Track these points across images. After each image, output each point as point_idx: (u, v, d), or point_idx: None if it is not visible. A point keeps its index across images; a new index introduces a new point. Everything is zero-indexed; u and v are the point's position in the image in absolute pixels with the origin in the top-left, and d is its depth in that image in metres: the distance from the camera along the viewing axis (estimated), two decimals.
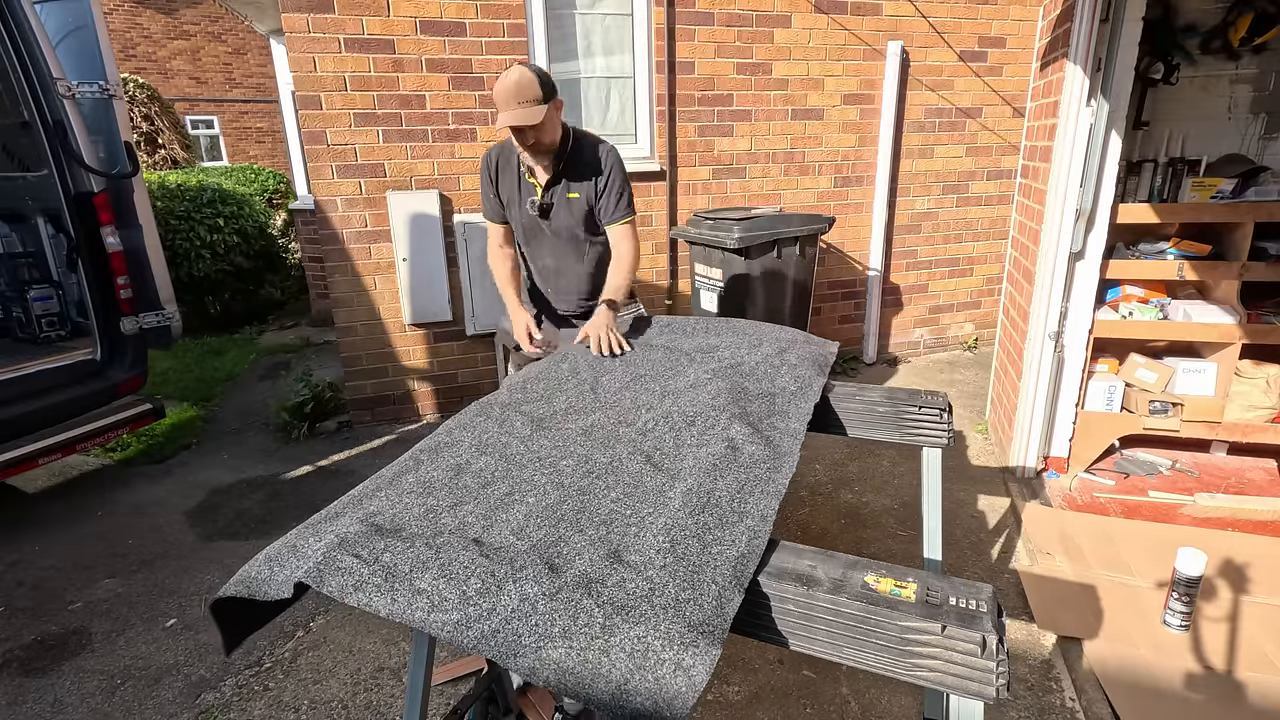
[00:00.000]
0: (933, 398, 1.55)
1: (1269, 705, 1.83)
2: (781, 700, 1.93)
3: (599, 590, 0.87)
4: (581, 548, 0.97)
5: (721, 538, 0.98)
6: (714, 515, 1.04)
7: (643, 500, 1.10)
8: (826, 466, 3.25)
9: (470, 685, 1.71)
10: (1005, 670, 0.78)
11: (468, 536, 1.00)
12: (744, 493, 1.10)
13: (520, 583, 0.89)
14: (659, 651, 0.78)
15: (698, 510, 1.05)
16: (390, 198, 3.54)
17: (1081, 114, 2.59)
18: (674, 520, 1.02)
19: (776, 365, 1.68)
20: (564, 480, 1.16)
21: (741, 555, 0.93)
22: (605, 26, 3.77)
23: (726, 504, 1.07)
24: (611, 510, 1.07)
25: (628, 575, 0.90)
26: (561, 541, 0.99)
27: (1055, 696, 1.93)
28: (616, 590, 0.87)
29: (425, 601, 0.87)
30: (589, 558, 0.94)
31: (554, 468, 1.21)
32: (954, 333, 4.98)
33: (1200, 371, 2.90)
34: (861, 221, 4.48)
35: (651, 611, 0.83)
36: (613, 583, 0.89)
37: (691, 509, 1.05)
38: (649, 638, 0.79)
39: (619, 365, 1.73)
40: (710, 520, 1.02)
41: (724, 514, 1.04)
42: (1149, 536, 2.55)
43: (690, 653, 0.78)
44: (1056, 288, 2.80)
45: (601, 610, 0.83)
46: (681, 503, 1.07)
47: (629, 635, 0.80)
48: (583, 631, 0.81)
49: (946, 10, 4.19)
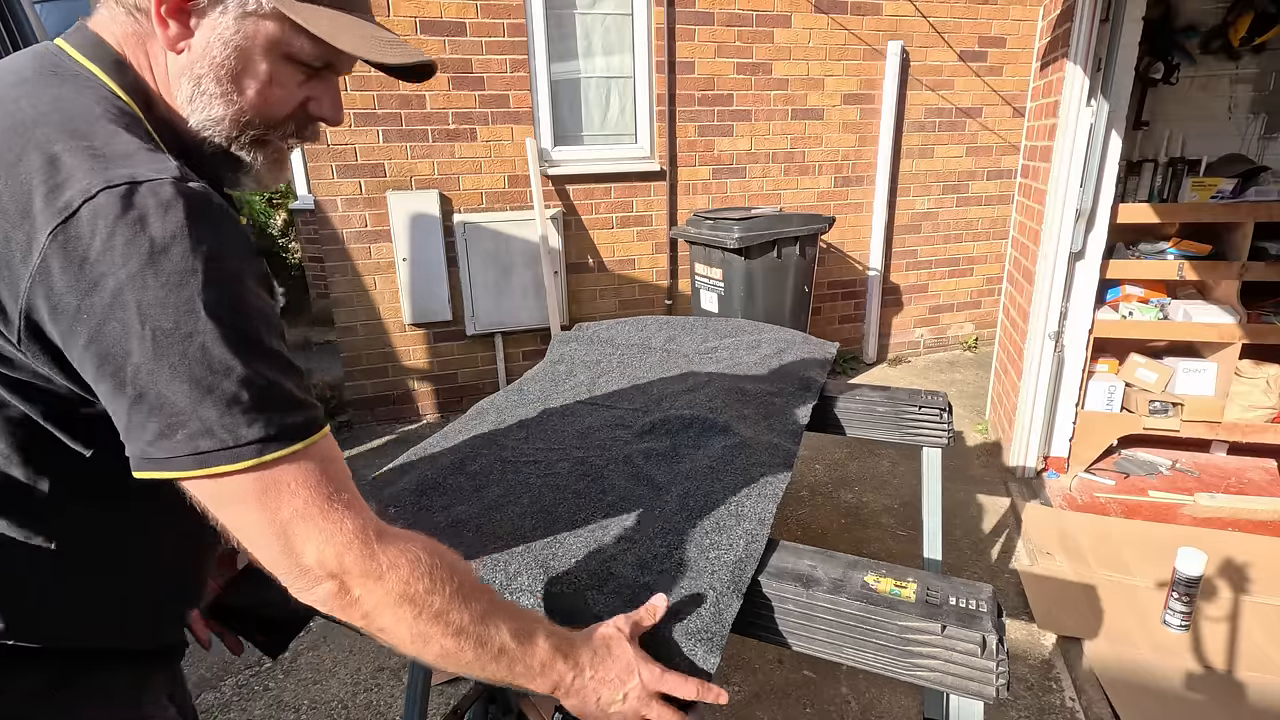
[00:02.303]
0: (933, 398, 1.55)
1: (1269, 705, 1.83)
2: (781, 700, 1.93)
3: (594, 597, 0.87)
4: (577, 551, 0.96)
5: (719, 541, 0.97)
6: (711, 519, 1.03)
7: (639, 503, 1.08)
8: (826, 466, 3.25)
9: (470, 685, 1.71)
10: (1005, 670, 0.78)
11: (462, 538, 1.00)
12: (741, 496, 1.09)
13: (515, 594, 0.89)
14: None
15: (695, 514, 1.04)
16: (390, 198, 3.54)
17: (1081, 114, 2.59)
18: (670, 524, 1.02)
19: (775, 367, 1.67)
20: (559, 483, 1.15)
21: (739, 560, 0.93)
22: (605, 26, 3.77)
23: (723, 507, 1.06)
24: (607, 514, 1.06)
25: (624, 581, 0.90)
26: (556, 544, 0.98)
27: (1055, 696, 1.93)
28: (613, 597, 0.87)
29: None
30: (585, 563, 0.94)
31: (549, 470, 1.20)
32: (954, 333, 4.98)
33: (1200, 371, 2.90)
34: (861, 221, 4.47)
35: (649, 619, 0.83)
36: (609, 589, 0.88)
37: (688, 513, 1.04)
38: (646, 646, 0.79)
39: (616, 366, 1.72)
40: (708, 524, 1.01)
41: (721, 517, 1.03)
42: (1149, 536, 2.55)
43: (687, 664, 0.78)
44: (1056, 288, 2.80)
45: (599, 618, 0.83)
46: (678, 506, 1.07)
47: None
48: None
49: (946, 10, 4.19)
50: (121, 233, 0.54)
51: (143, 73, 0.67)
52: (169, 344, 0.55)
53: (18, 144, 0.57)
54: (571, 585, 0.89)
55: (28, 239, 0.54)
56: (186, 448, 0.56)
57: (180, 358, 0.55)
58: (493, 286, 3.78)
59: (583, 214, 3.91)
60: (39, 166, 0.56)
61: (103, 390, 0.57)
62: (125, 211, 0.54)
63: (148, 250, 0.54)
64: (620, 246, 4.04)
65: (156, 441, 0.56)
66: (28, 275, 0.54)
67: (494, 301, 3.81)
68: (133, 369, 0.55)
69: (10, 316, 0.56)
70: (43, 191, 0.55)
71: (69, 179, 0.55)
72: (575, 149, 3.87)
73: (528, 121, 3.68)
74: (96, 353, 0.55)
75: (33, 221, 0.54)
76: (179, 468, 0.56)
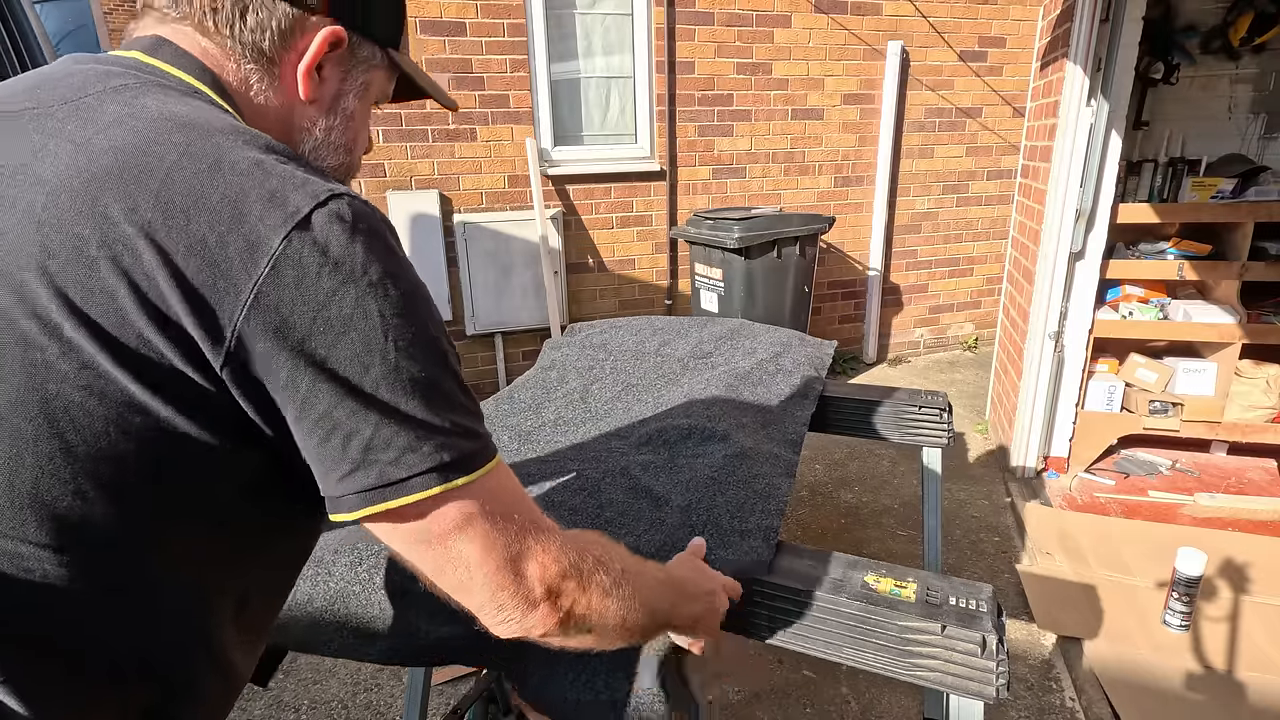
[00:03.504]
0: (933, 398, 1.55)
1: (1269, 705, 1.83)
2: (781, 700, 1.93)
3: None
4: None
5: (724, 558, 0.94)
6: (714, 535, 0.99)
7: (639, 518, 1.04)
8: (826, 466, 3.25)
9: (470, 685, 1.71)
10: (1005, 670, 0.78)
11: None
12: (745, 509, 1.05)
13: None
14: (658, 696, 0.78)
15: (698, 529, 1.00)
16: (390, 198, 3.54)
17: (1081, 114, 2.59)
18: (671, 539, 0.98)
19: (773, 371, 1.63)
20: (553, 498, 1.10)
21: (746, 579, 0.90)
22: (605, 26, 3.77)
23: (727, 522, 1.02)
24: (606, 529, 1.00)
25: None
26: None
27: (1055, 696, 1.93)
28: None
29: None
30: None
31: (541, 483, 1.15)
32: (954, 333, 4.98)
33: (1200, 371, 2.90)
34: (861, 221, 4.47)
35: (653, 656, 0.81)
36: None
37: (691, 527, 1.00)
38: (653, 686, 0.78)
39: (610, 373, 1.65)
40: (712, 541, 0.97)
41: (725, 533, 0.99)
42: (1149, 536, 2.55)
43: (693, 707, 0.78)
44: (1056, 288, 2.80)
45: (604, 658, 0.81)
46: (679, 521, 1.02)
47: (631, 678, 0.79)
48: (586, 682, 0.81)
49: (946, 10, 4.19)
50: (360, 241, 0.52)
51: (258, 120, 0.64)
52: (410, 356, 0.53)
53: (209, 148, 0.52)
54: None
55: (249, 244, 0.49)
56: (427, 462, 0.53)
57: (420, 371, 0.53)
58: (493, 286, 3.78)
59: (583, 214, 3.91)
60: (247, 169, 0.51)
61: (318, 412, 0.51)
62: (357, 221, 0.52)
63: (383, 260, 0.52)
64: (620, 246, 4.04)
65: (400, 459, 0.52)
66: (251, 284, 0.49)
67: (494, 301, 3.81)
68: (372, 383, 0.51)
69: (222, 332, 0.49)
70: (259, 194, 0.51)
71: (286, 184, 0.52)
72: (575, 149, 3.87)
73: (528, 121, 3.68)
74: (329, 370, 0.51)
75: (252, 225, 0.50)
76: (416, 489, 0.53)
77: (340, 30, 0.63)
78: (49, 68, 0.61)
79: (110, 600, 0.54)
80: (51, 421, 0.49)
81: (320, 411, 0.52)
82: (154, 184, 0.50)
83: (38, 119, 0.55)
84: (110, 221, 0.49)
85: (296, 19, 0.61)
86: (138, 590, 0.55)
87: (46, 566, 0.51)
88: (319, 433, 0.52)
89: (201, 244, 0.49)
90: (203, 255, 0.49)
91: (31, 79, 0.60)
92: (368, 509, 0.53)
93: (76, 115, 0.54)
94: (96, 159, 0.51)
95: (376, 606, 0.91)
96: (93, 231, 0.49)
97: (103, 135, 0.53)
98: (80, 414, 0.49)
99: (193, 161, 0.51)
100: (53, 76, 0.59)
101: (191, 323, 0.49)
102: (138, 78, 0.58)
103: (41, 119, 0.55)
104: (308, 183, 0.53)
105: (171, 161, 0.51)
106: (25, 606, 0.51)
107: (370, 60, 0.67)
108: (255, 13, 0.60)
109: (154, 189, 0.50)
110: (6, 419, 0.49)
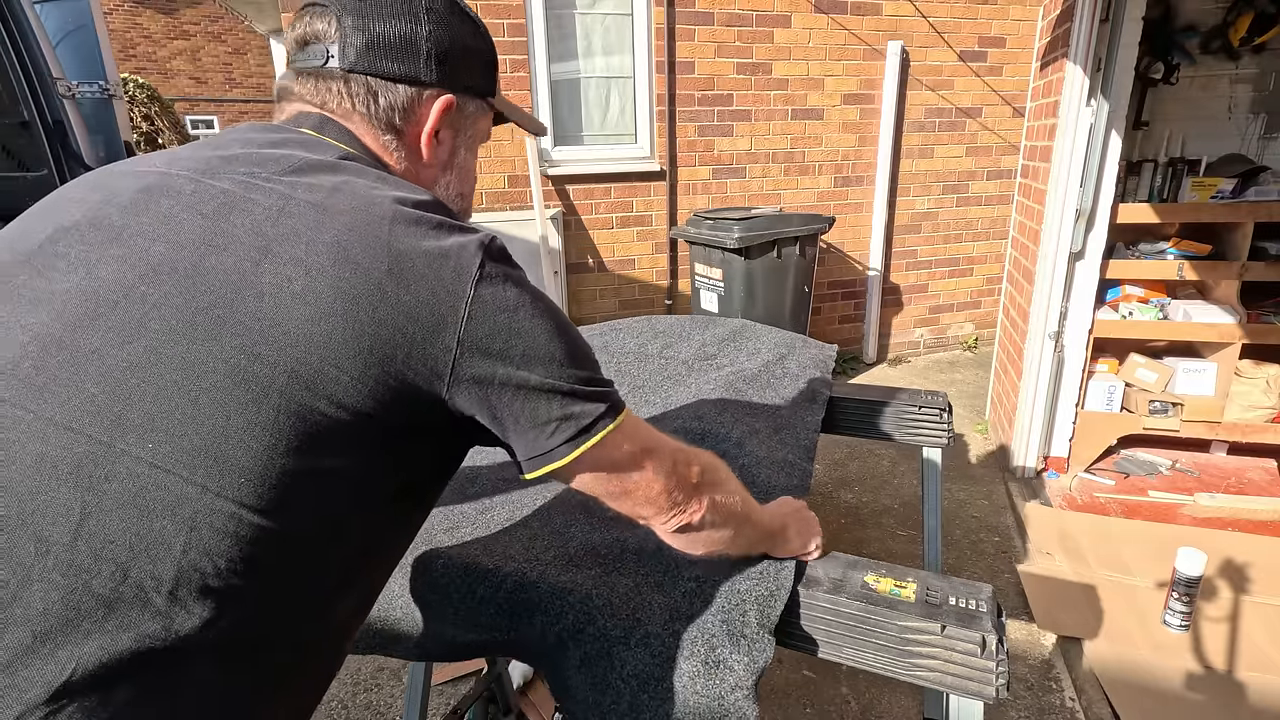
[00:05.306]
0: (933, 398, 1.55)
1: (1269, 705, 1.83)
2: (781, 700, 1.93)
3: (621, 658, 0.82)
4: (593, 587, 0.89)
5: (749, 571, 0.90)
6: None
7: (649, 535, 1.03)
8: (826, 466, 3.25)
9: (470, 685, 1.71)
10: (1005, 670, 0.78)
11: (474, 561, 0.95)
12: None
13: (546, 626, 0.86)
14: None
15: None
16: None
17: (1081, 114, 2.59)
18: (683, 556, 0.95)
19: (780, 375, 1.61)
20: (570, 498, 1.09)
21: (770, 593, 0.86)
22: (605, 26, 3.77)
23: None
24: (621, 535, 0.99)
25: (650, 637, 0.83)
26: (573, 566, 0.93)
27: (1055, 696, 1.93)
28: (640, 650, 0.82)
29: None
30: (608, 605, 0.86)
31: (553, 489, 1.13)
32: (954, 333, 4.98)
33: (1200, 371, 2.90)
34: (861, 221, 4.47)
35: (679, 683, 0.79)
36: (635, 641, 0.83)
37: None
38: (680, 713, 0.77)
39: (614, 375, 1.62)
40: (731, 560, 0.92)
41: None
42: (1149, 536, 2.55)
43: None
44: (1056, 288, 2.80)
45: (627, 685, 0.80)
46: None
47: (659, 713, 0.78)
48: (611, 708, 0.80)
49: (946, 10, 4.19)
50: (513, 275, 0.65)
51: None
52: (569, 343, 0.67)
53: (377, 211, 0.61)
54: (597, 649, 0.84)
55: (451, 294, 0.61)
56: (599, 410, 0.68)
57: (577, 351, 0.68)
58: None
59: (583, 214, 3.91)
60: (415, 227, 0.62)
61: (523, 397, 0.64)
62: (503, 257, 0.65)
63: (523, 281, 0.66)
64: (620, 246, 4.04)
65: (584, 413, 0.67)
66: (457, 327, 0.60)
67: None
68: (559, 366, 0.65)
69: (441, 373, 0.61)
70: (432, 247, 0.61)
71: (452, 235, 0.63)
72: (575, 149, 3.87)
73: None
74: (528, 370, 0.64)
75: (444, 280, 0.61)
76: (601, 428, 0.67)
77: (451, 97, 0.75)
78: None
79: (294, 582, 0.60)
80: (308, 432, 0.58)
81: (524, 396, 0.64)
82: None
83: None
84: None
85: (414, 95, 0.74)
86: (310, 575, 0.61)
87: (259, 534, 0.56)
88: (527, 411, 0.65)
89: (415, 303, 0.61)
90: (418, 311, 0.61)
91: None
92: (576, 451, 0.66)
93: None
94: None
95: (400, 610, 0.94)
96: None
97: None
98: (325, 425, 0.58)
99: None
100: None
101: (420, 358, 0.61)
102: (341, 162, 0.69)
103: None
104: (466, 229, 0.65)
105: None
106: (239, 572, 0.55)
107: (476, 113, 0.80)
108: (384, 96, 0.73)
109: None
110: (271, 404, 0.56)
